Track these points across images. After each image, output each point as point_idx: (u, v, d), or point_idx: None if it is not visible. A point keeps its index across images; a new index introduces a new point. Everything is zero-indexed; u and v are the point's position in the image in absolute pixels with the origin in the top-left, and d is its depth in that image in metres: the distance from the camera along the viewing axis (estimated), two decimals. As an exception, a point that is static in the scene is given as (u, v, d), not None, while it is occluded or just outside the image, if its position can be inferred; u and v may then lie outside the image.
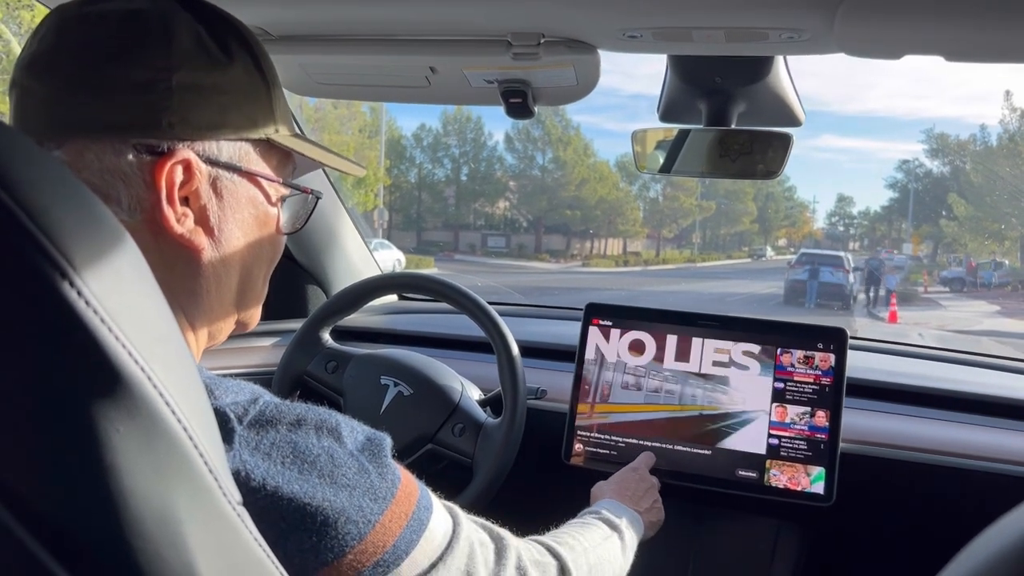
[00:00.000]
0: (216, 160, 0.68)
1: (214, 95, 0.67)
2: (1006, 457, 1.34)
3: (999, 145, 32.77)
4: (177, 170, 0.65)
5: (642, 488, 1.24)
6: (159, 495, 0.43)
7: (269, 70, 0.73)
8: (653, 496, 1.25)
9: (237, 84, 0.69)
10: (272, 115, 0.72)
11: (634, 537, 1.09)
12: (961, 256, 32.06)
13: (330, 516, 0.62)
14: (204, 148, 0.67)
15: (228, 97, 0.68)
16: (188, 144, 0.66)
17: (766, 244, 49.32)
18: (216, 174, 0.68)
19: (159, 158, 0.64)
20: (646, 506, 1.20)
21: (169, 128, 0.64)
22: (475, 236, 42.19)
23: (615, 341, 1.45)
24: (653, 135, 1.35)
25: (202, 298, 0.71)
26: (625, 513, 1.10)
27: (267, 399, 0.65)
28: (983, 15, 0.85)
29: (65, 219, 0.41)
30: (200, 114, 0.66)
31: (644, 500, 1.21)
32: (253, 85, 0.70)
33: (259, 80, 0.71)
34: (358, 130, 27.94)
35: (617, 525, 1.06)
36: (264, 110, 0.71)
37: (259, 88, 0.71)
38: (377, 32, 1.13)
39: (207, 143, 0.67)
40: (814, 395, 1.34)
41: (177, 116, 0.64)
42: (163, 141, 0.64)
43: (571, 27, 1.05)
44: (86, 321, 0.40)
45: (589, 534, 1.00)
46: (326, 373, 1.42)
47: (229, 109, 0.68)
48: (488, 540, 0.79)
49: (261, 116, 0.71)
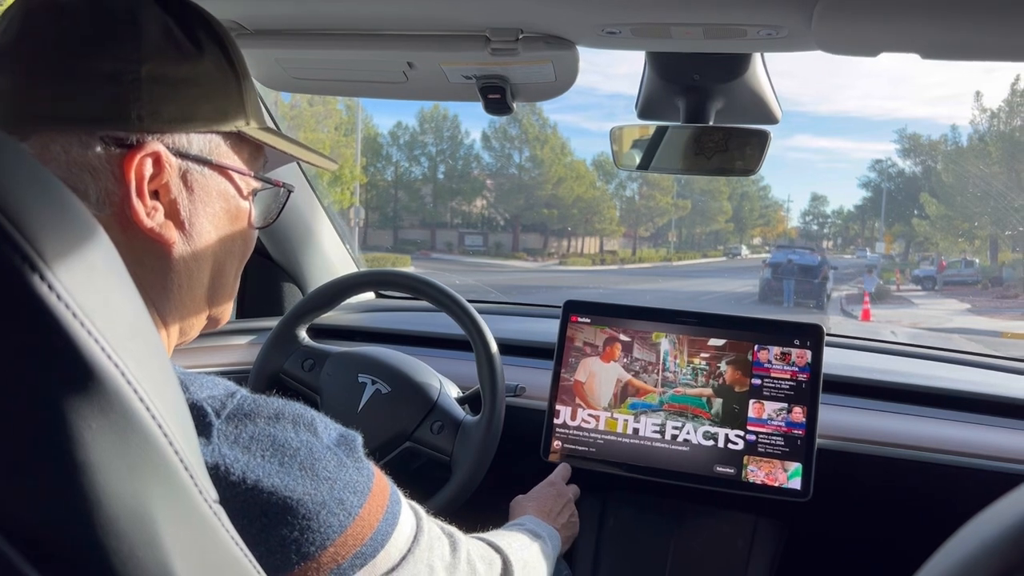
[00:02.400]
0: (186, 153, 0.67)
1: (184, 87, 0.66)
2: (979, 452, 1.36)
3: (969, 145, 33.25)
4: (147, 163, 0.64)
5: (559, 503, 1.27)
6: (133, 493, 0.42)
7: (239, 62, 0.72)
8: (570, 510, 1.29)
9: (207, 76, 0.68)
10: (243, 108, 0.71)
11: (553, 552, 1.11)
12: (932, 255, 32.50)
13: (312, 509, 0.62)
14: (174, 141, 0.66)
15: (198, 89, 0.67)
16: (158, 137, 0.65)
17: (741, 243, 49.67)
18: (186, 167, 0.67)
19: (128, 151, 0.63)
20: (563, 521, 1.25)
21: (138, 120, 0.63)
22: (452, 235, 42.13)
23: (593, 338, 1.45)
24: (631, 132, 1.35)
25: (173, 293, 0.70)
26: (543, 528, 1.13)
27: (244, 393, 0.65)
28: (959, 13, 0.85)
29: (36, 212, 0.40)
30: (169, 106, 0.65)
31: (561, 515, 1.25)
32: (223, 77, 0.69)
33: (229, 72, 0.70)
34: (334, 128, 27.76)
35: (540, 535, 1.08)
36: (234, 103, 0.70)
37: (229, 80, 0.70)
38: (354, 26, 1.12)
39: (177, 136, 0.66)
40: (791, 391, 1.34)
41: (146, 108, 0.63)
42: (132, 133, 0.63)
43: (550, 23, 1.04)
44: (58, 316, 0.39)
45: (518, 536, 1.03)
46: (303, 371, 1.41)
47: (199, 101, 0.67)
48: (443, 535, 0.80)
49: (231, 109, 0.70)
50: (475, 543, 0.89)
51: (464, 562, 0.81)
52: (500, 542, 0.95)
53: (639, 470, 1.39)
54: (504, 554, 0.92)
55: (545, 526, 1.15)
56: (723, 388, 1.37)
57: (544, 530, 1.12)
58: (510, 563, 0.91)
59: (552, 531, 1.15)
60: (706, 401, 1.38)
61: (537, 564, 1.01)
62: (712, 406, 1.37)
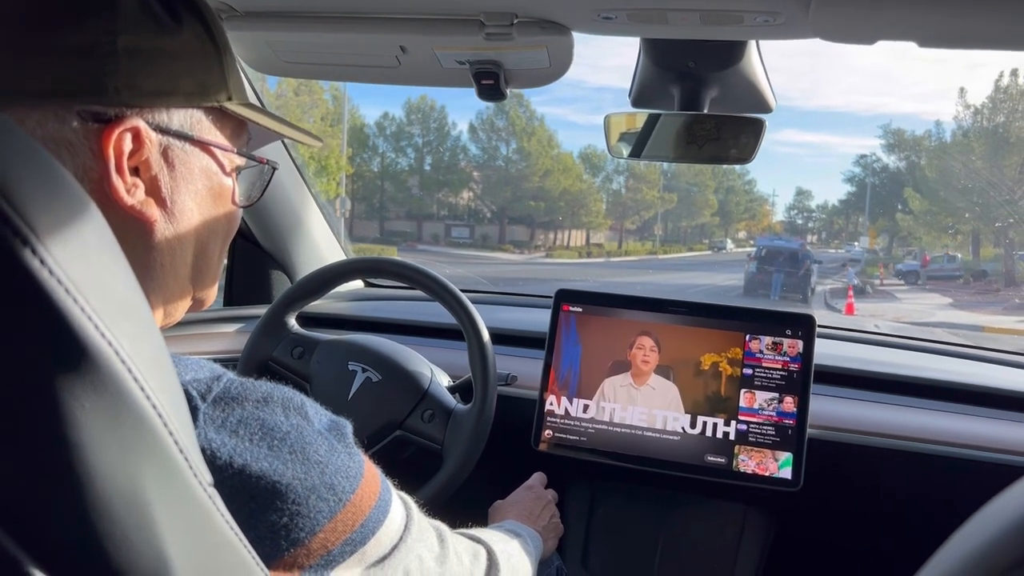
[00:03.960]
0: (167, 128, 0.65)
1: (162, 60, 0.64)
2: (967, 442, 1.37)
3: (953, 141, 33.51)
4: (126, 138, 0.62)
5: (539, 506, 1.27)
6: (127, 475, 0.41)
7: (220, 36, 0.70)
8: (551, 511, 1.29)
9: (187, 49, 0.66)
10: (224, 82, 0.70)
11: (534, 551, 1.11)
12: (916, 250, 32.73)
13: (301, 493, 0.61)
14: (154, 116, 0.64)
15: (178, 63, 0.65)
16: (137, 111, 0.63)
17: (726, 237, 49.88)
18: (167, 143, 0.65)
19: (106, 126, 0.61)
20: (544, 523, 1.24)
21: (116, 94, 0.61)
22: (439, 226, 42.05)
23: (585, 327, 1.44)
24: (624, 120, 1.34)
25: (156, 273, 0.68)
26: (524, 530, 1.13)
27: (230, 376, 0.63)
28: (956, 1, 0.85)
29: (27, 185, 0.39)
30: (148, 80, 0.63)
31: (541, 518, 1.25)
32: (204, 51, 0.67)
33: (210, 46, 0.68)
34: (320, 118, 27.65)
35: (520, 534, 1.09)
36: (216, 77, 0.69)
37: (210, 54, 0.68)
38: (346, 9, 1.10)
39: (157, 111, 0.64)
40: (782, 381, 1.35)
41: (124, 81, 0.61)
42: (110, 108, 0.61)
43: (545, 7, 1.03)
44: (50, 291, 0.38)
45: (498, 533, 1.03)
46: (292, 359, 1.39)
47: (179, 75, 0.65)
48: (431, 527, 0.80)
49: (213, 83, 0.68)
50: (459, 537, 0.89)
51: (452, 553, 0.81)
52: (483, 536, 0.95)
53: (629, 459, 1.38)
54: (488, 546, 0.92)
55: (525, 527, 1.15)
56: (714, 377, 1.37)
57: (524, 530, 1.12)
58: (494, 554, 0.91)
59: (532, 532, 1.15)
60: (697, 390, 1.37)
61: (519, 557, 1.01)
62: (703, 395, 1.37)
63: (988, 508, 0.41)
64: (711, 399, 1.37)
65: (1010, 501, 0.40)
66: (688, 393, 1.38)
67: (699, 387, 1.38)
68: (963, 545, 0.40)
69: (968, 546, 0.39)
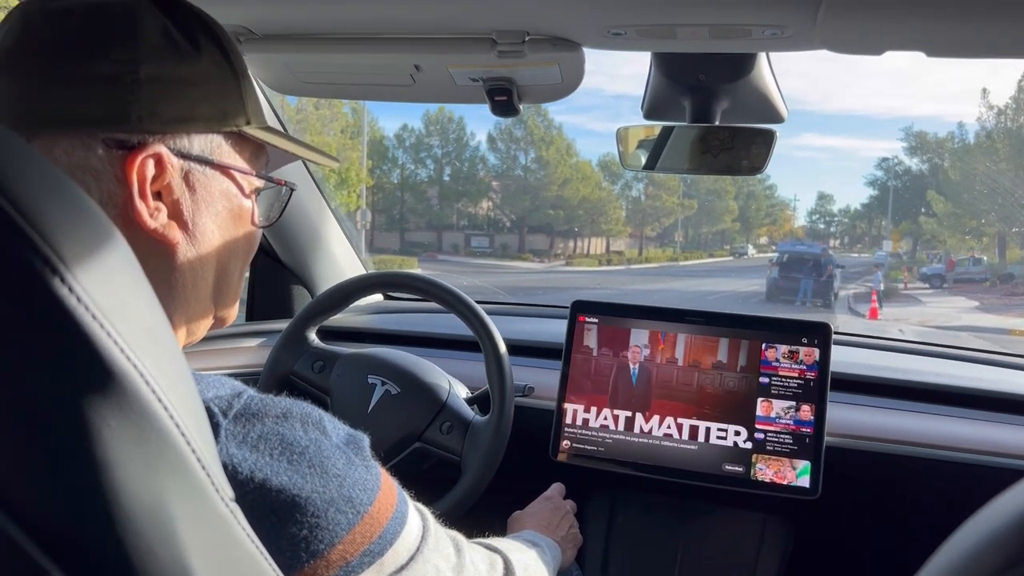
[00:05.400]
0: (188, 153, 0.67)
1: (183, 88, 0.66)
2: (988, 448, 1.36)
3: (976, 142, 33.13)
4: (148, 164, 0.64)
5: (557, 516, 1.27)
6: (151, 491, 0.43)
7: (238, 62, 0.72)
8: (569, 521, 1.29)
9: (206, 76, 0.68)
10: (243, 107, 0.72)
11: (552, 561, 1.11)
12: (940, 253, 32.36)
13: (320, 506, 0.62)
14: (175, 141, 0.66)
15: (197, 89, 0.67)
16: (159, 138, 0.65)
17: (747, 242, 49.57)
18: (188, 167, 0.68)
19: (129, 152, 0.64)
20: (562, 533, 1.24)
21: (138, 121, 0.64)
22: (458, 236, 42.17)
23: (601, 337, 1.45)
24: (637, 132, 1.35)
25: (178, 293, 0.70)
26: (543, 540, 1.13)
27: (251, 393, 0.65)
28: (964, 11, 0.86)
29: (55, 215, 0.41)
30: (169, 107, 0.65)
31: (560, 528, 1.25)
32: (222, 77, 0.70)
33: (229, 72, 0.70)
34: (340, 131, 27.85)
35: (538, 544, 1.09)
36: (234, 102, 0.71)
37: (228, 80, 0.70)
38: (362, 30, 1.13)
39: (178, 136, 0.66)
40: (799, 389, 1.35)
41: (146, 109, 0.64)
42: (133, 135, 0.64)
43: (556, 25, 1.05)
44: (77, 318, 0.40)
45: (516, 543, 1.04)
46: (313, 373, 1.42)
47: (199, 101, 0.67)
48: (447, 537, 0.81)
49: (231, 108, 0.70)
50: (476, 547, 0.89)
51: (469, 562, 0.82)
52: (500, 545, 0.96)
53: (648, 469, 1.39)
54: (505, 556, 0.93)
55: (544, 538, 1.15)
56: (731, 386, 1.38)
57: (542, 540, 1.12)
58: (511, 564, 0.92)
59: (551, 542, 1.15)
60: (714, 400, 1.38)
61: (536, 567, 1.01)
62: (720, 405, 1.37)
63: (986, 508, 0.42)
64: (728, 408, 1.37)
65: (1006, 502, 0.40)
66: (705, 402, 1.38)
67: (716, 396, 1.38)
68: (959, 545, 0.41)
69: (963, 546, 0.40)
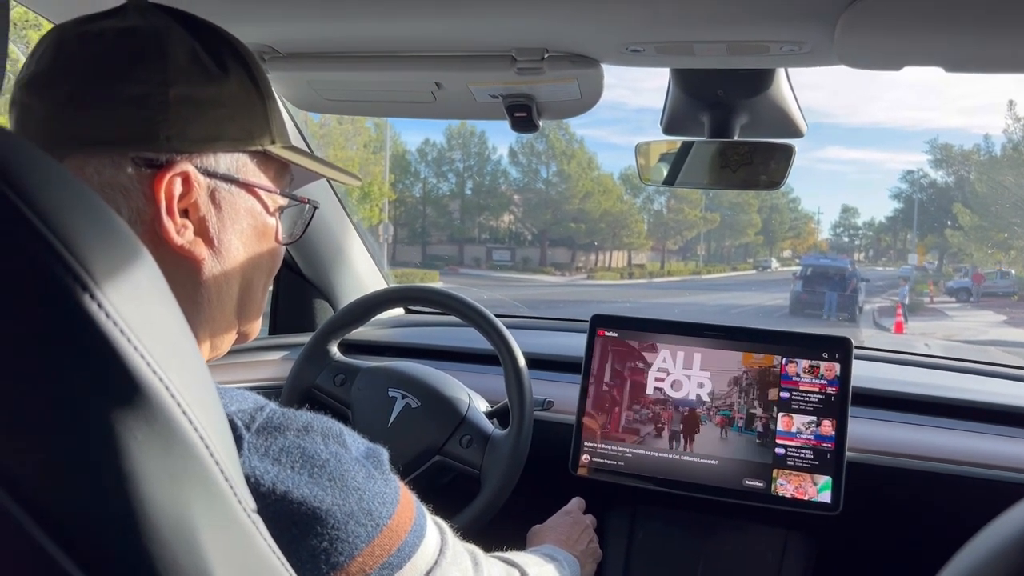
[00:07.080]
0: (214, 172, 0.69)
1: (210, 108, 0.68)
2: (1013, 465, 1.34)
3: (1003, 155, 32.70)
4: (176, 182, 0.66)
5: (576, 530, 1.27)
6: (176, 502, 0.44)
7: (263, 82, 0.74)
8: (589, 536, 1.29)
9: (233, 97, 0.70)
10: (268, 127, 0.74)
11: (571, 574, 1.11)
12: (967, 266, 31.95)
13: (340, 519, 0.63)
14: (202, 160, 0.68)
15: (224, 110, 0.69)
16: (186, 157, 0.67)
17: (771, 256, 49.21)
18: (214, 186, 0.70)
19: (158, 171, 0.66)
20: (582, 548, 1.24)
21: (167, 141, 0.66)
22: (480, 250, 42.25)
23: (621, 351, 1.46)
24: (656, 147, 1.36)
25: (203, 308, 0.72)
26: (561, 555, 1.13)
27: (272, 407, 0.66)
28: (983, 26, 0.86)
29: (85, 232, 0.42)
30: (197, 127, 0.67)
31: (579, 543, 1.25)
32: (248, 97, 0.72)
33: (254, 92, 0.72)
34: (363, 145, 28.06)
35: (556, 558, 1.09)
36: (260, 122, 0.73)
37: (254, 100, 0.72)
38: (383, 49, 1.15)
39: (205, 155, 0.69)
40: (820, 404, 1.34)
41: (174, 129, 0.66)
42: (161, 154, 0.66)
43: (575, 42, 1.06)
44: (106, 333, 0.41)
45: (534, 557, 1.04)
46: (334, 386, 1.43)
47: (225, 121, 0.69)
48: (465, 551, 0.81)
49: (257, 128, 0.72)
50: (494, 560, 0.90)
51: None
52: (518, 559, 0.96)
53: (668, 484, 1.39)
54: (523, 569, 0.93)
55: (563, 552, 1.15)
56: (751, 402, 1.37)
57: (561, 555, 1.13)
58: None
59: (570, 557, 1.15)
60: (734, 414, 1.38)
61: None
62: (741, 420, 1.37)
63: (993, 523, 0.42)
64: (748, 423, 1.37)
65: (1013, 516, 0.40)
66: (725, 417, 1.38)
67: (736, 411, 1.38)
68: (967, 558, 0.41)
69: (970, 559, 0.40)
